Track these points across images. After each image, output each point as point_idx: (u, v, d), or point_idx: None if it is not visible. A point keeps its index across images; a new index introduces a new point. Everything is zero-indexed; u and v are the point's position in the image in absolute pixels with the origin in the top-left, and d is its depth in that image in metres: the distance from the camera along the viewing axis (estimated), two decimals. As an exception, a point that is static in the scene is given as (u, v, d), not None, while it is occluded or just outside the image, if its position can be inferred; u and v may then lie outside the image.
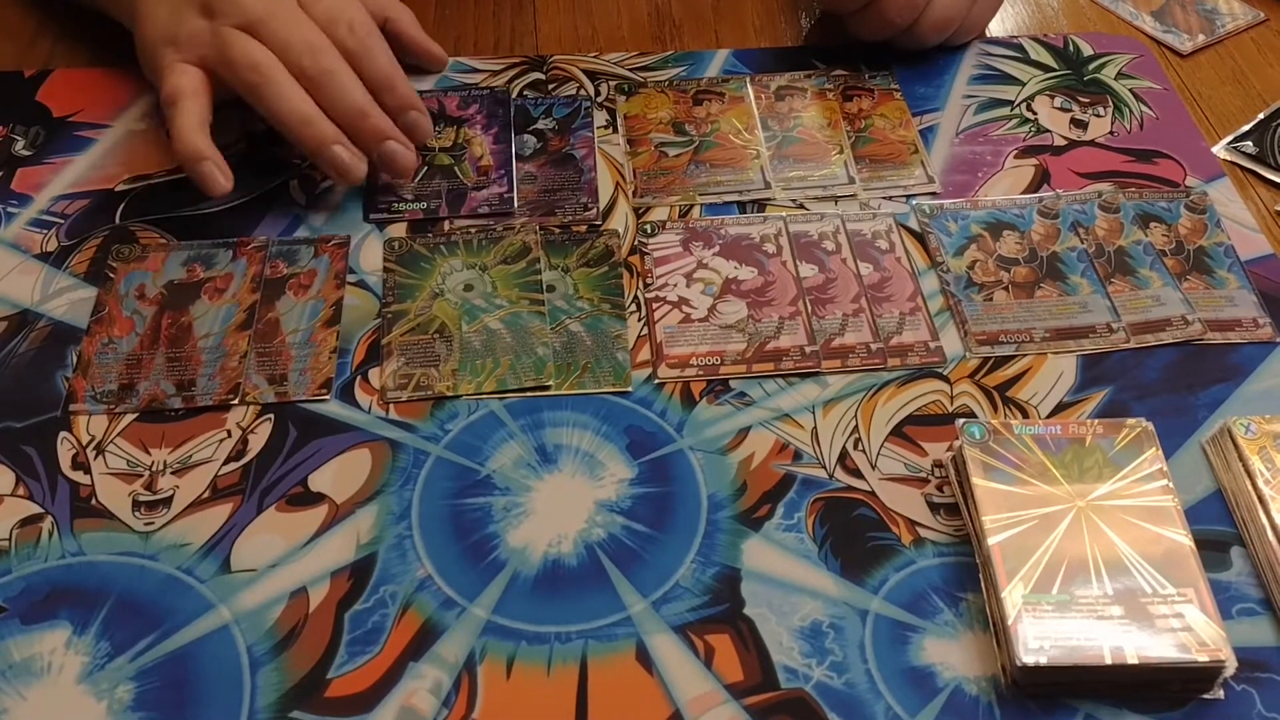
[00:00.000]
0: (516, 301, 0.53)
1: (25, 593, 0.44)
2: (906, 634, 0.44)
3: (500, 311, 0.52)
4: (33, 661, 0.43)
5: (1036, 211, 0.57)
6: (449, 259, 0.54)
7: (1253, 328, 0.53)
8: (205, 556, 0.45)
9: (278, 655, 0.43)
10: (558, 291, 0.54)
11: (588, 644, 0.43)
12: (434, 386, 0.49)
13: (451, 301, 0.53)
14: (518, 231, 0.55)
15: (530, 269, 0.54)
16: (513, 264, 0.53)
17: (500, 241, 0.55)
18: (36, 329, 0.53)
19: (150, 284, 0.54)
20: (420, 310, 0.52)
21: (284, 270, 0.55)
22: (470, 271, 0.54)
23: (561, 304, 0.53)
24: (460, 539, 0.46)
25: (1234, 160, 0.62)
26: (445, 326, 0.52)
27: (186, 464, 0.48)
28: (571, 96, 0.63)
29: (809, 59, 0.67)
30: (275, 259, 0.55)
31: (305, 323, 0.53)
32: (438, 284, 0.53)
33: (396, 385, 0.49)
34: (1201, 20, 0.70)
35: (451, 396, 0.50)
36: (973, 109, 0.64)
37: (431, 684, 0.42)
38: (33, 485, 0.47)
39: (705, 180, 0.59)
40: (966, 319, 0.53)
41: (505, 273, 0.54)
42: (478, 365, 0.50)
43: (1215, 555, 0.46)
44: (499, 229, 0.56)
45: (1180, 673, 0.42)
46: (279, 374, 0.50)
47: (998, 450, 0.47)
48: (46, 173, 0.59)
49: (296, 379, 0.50)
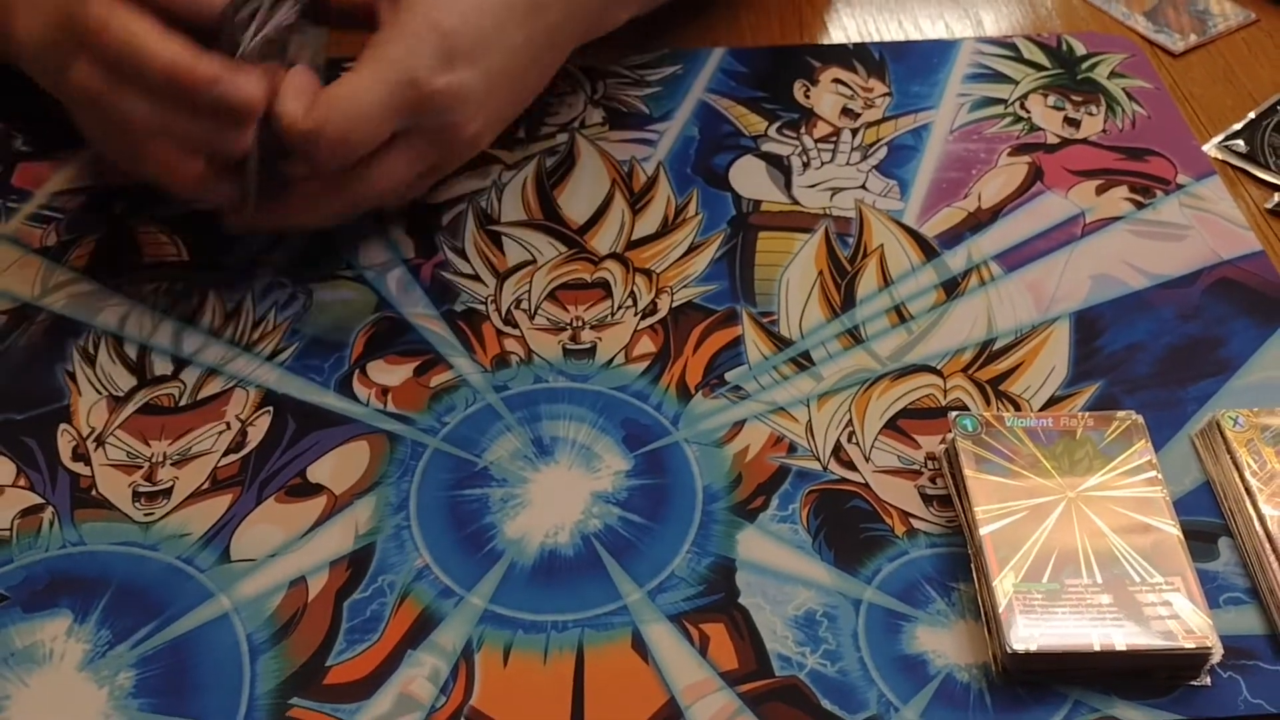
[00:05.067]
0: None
1: (26, 581, 0.45)
2: (899, 623, 0.44)
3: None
4: (35, 649, 0.43)
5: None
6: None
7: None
8: (205, 546, 0.46)
9: (277, 643, 0.43)
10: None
11: (584, 632, 0.44)
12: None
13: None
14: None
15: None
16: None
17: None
18: (36, 322, 0.53)
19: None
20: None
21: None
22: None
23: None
24: (458, 529, 0.47)
25: (1225, 159, 0.63)
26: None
27: (186, 455, 0.49)
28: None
29: (806, 59, 0.67)
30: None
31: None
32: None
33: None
34: (1193, 20, 0.71)
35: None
36: (966, 107, 0.65)
37: (429, 671, 0.43)
38: (33, 476, 0.48)
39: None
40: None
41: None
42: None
43: (1203, 546, 0.47)
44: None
45: (1168, 659, 0.42)
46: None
47: (990, 442, 0.47)
48: (46, 169, 0.60)
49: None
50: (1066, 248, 0.58)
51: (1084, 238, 0.58)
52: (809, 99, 0.65)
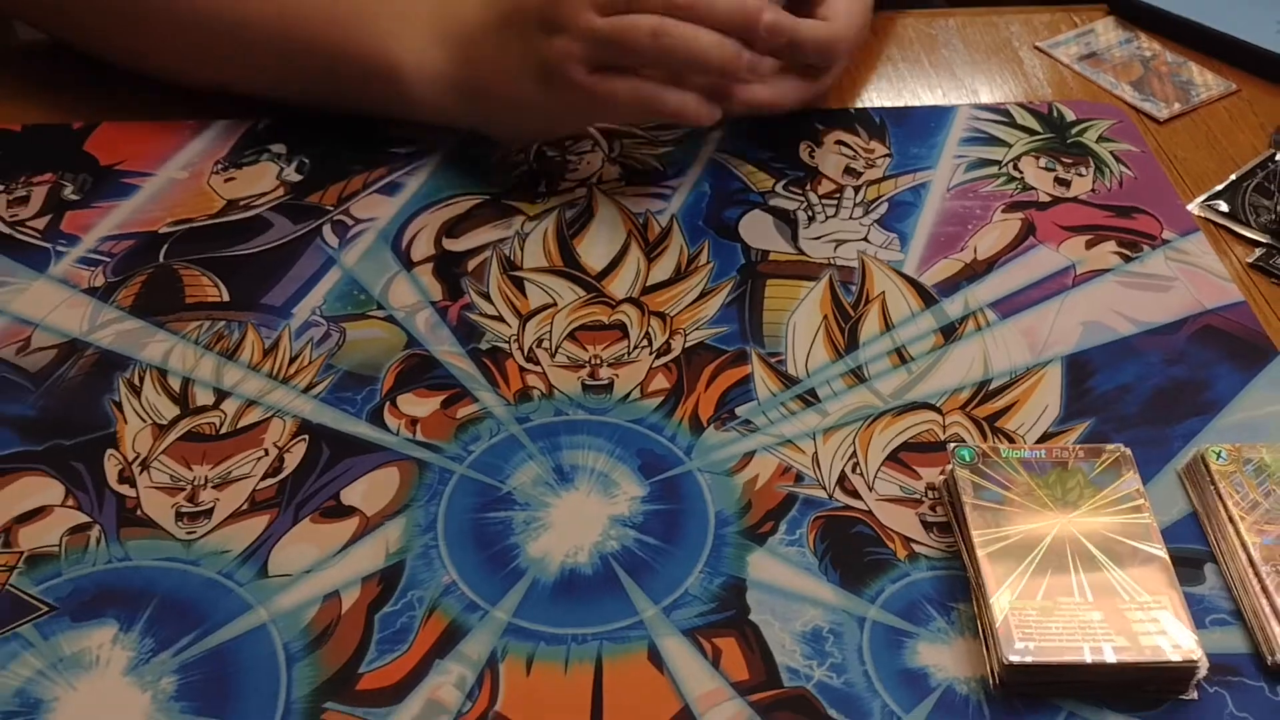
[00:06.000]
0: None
1: (74, 594, 0.47)
2: (901, 639, 0.47)
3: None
4: (82, 655, 0.45)
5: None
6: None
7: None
8: (244, 563, 0.48)
9: (312, 652, 0.46)
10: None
11: (602, 645, 0.46)
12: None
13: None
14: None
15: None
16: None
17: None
18: (84, 356, 0.56)
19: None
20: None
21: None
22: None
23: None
24: (483, 549, 0.49)
25: (1207, 217, 0.66)
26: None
27: (226, 479, 0.51)
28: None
29: (810, 122, 0.71)
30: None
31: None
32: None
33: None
34: (1177, 90, 0.75)
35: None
36: (963, 167, 0.68)
37: (456, 679, 0.45)
38: (81, 497, 0.51)
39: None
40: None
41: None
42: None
43: (1190, 571, 0.49)
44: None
45: (1156, 673, 0.45)
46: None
47: (986, 472, 0.50)
48: (94, 216, 0.64)
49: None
50: (1058, 297, 0.61)
51: (1074, 288, 0.61)
52: (814, 159, 0.69)
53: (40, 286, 0.60)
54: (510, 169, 0.67)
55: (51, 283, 0.60)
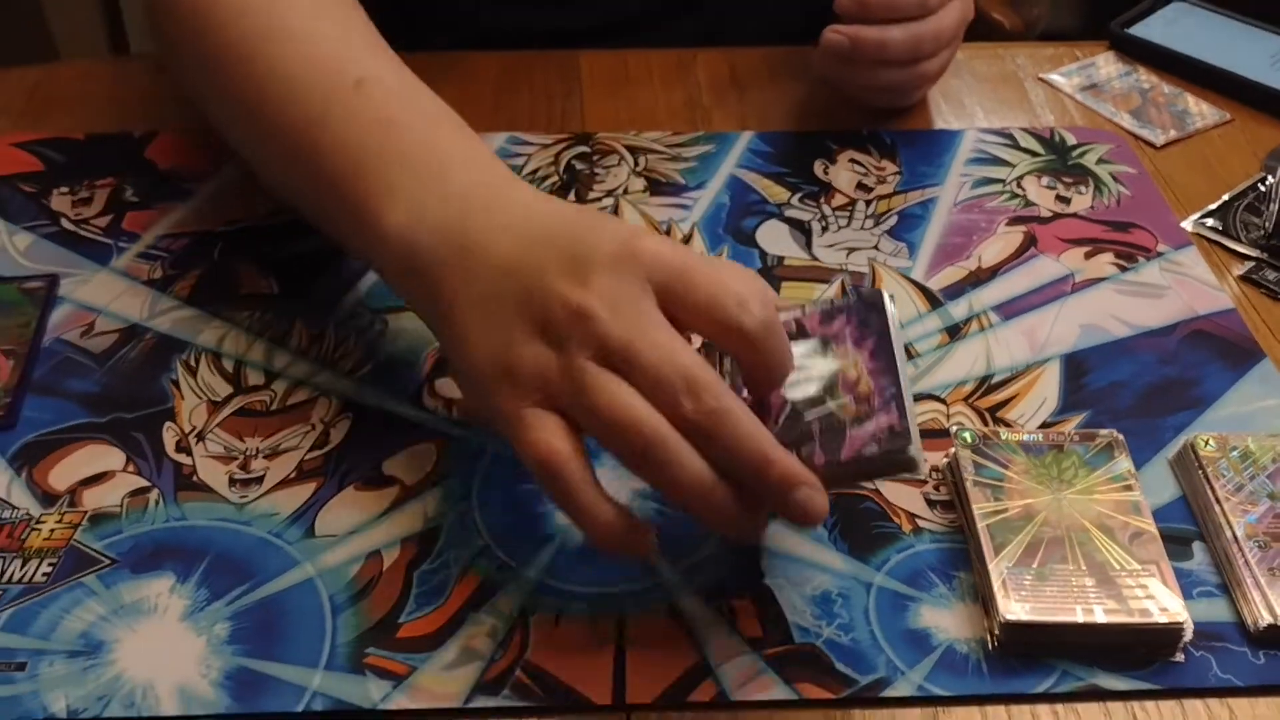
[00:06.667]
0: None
1: (134, 549, 0.51)
2: (905, 603, 0.50)
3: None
4: (141, 603, 0.49)
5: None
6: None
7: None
8: (292, 524, 0.52)
9: (355, 603, 0.49)
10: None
11: (626, 602, 0.49)
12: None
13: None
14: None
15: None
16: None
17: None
18: (144, 340, 0.60)
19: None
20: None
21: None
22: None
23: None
24: (515, 515, 0.53)
25: (1200, 233, 0.70)
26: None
27: (276, 450, 0.55)
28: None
29: (825, 142, 0.76)
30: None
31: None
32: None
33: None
34: (1173, 118, 0.79)
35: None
36: (969, 185, 0.72)
37: (489, 629, 0.48)
38: (141, 464, 0.54)
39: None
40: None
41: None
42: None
43: (1178, 548, 0.52)
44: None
45: (1145, 635, 0.48)
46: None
47: (987, 452, 0.54)
48: (153, 216, 0.68)
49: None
50: (1057, 301, 0.64)
51: (1073, 294, 0.65)
52: (827, 175, 0.73)
53: (103, 278, 0.64)
54: (540, 180, 0.72)
55: (113, 274, 0.64)
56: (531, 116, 0.78)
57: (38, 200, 0.69)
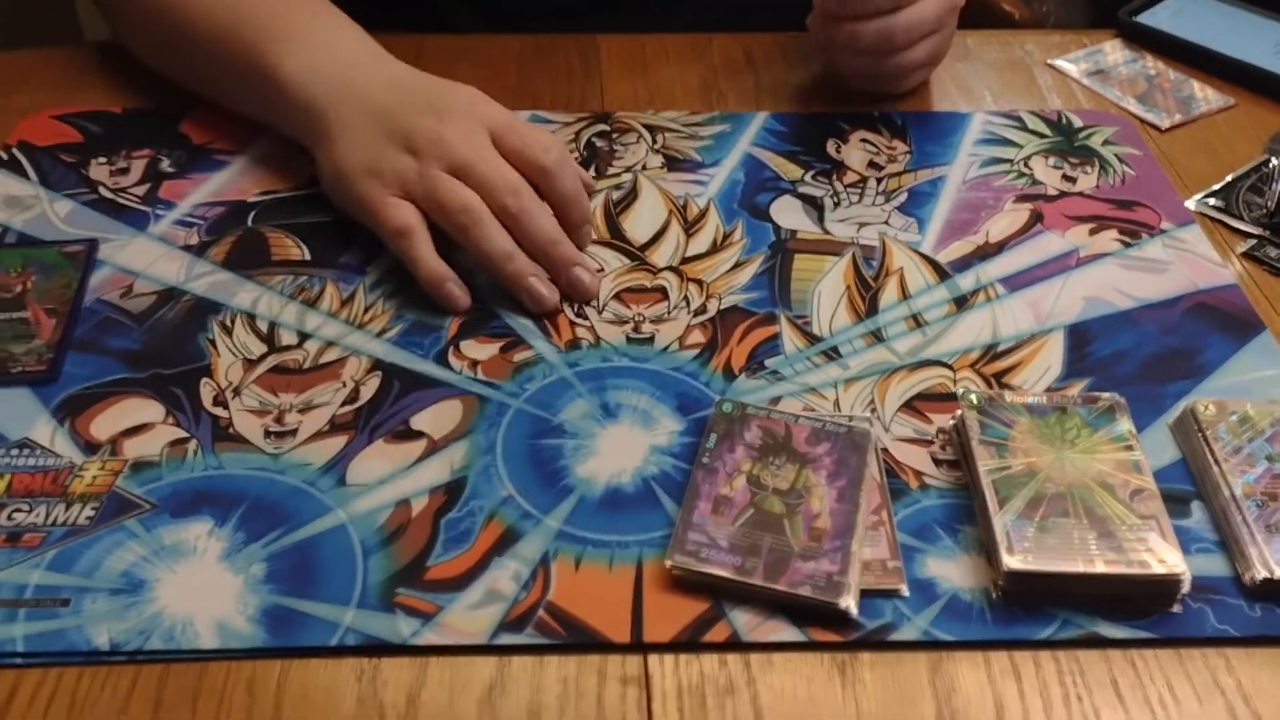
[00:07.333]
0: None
1: (174, 495, 0.53)
2: (912, 553, 0.52)
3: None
4: (180, 545, 0.51)
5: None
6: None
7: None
8: (325, 474, 0.54)
9: (385, 548, 0.51)
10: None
11: (642, 550, 0.51)
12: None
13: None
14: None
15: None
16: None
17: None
18: (181, 301, 0.63)
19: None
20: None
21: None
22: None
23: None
24: (537, 469, 0.55)
25: (1203, 211, 0.72)
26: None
27: (309, 405, 0.57)
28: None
29: (837, 123, 0.78)
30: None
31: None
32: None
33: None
34: (1179, 103, 0.81)
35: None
36: (977, 164, 0.75)
37: (513, 573, 0.50)
38: (180, 416, 0.57)
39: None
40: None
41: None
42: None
43: (1177, 507, 0.54)
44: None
45: (1143, 585, 0.50)
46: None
47: (992, 413, 0.56)
48: (189, 185, 0.70)
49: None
50: (1062, 275, 0.66)
51: (1078, 268, 0.67)
52: (840, 154, 0.75)
53: (140, 243, 0.66)
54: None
55: (151, 240, 0.66)
56: (553, 96, 0.80)
57: (77, 170, 0.71)
